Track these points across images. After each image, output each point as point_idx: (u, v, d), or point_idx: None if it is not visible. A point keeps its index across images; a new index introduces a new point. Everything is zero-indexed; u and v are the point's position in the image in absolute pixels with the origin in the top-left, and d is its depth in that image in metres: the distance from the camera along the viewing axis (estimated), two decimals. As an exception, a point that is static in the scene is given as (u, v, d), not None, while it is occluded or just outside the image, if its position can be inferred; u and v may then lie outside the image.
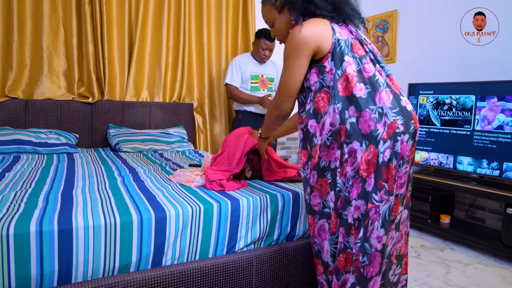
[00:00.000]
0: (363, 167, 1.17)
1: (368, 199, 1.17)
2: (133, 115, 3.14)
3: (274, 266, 1.51)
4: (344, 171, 1.20)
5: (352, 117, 1.19)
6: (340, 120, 1.20)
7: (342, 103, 1.20)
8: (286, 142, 4.10)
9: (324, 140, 1.24)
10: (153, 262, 1.30)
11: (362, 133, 1.17)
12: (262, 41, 2.99)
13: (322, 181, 1.27)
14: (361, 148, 1.17)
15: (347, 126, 1.19)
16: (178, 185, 1.68)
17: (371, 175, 1.17)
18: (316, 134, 1.27)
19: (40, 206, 1.29)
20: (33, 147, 2.46)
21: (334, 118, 1.21)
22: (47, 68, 2.83)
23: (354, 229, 1.19)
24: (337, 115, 1.20)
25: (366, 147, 1.17)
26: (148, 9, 3.15)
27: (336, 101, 1.21)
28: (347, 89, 1.21)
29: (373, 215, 1.18)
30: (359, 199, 1.18)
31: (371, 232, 1.18)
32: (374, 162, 1.16)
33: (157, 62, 3.25)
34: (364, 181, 1.17)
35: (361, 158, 1.17)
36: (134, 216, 1.27)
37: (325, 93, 1.24)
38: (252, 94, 3.07)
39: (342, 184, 1.21)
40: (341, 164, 1.21)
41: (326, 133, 1.23)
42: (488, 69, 2.78)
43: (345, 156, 1.19)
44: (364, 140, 1.17)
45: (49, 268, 1.13)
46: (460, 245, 2.63)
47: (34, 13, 2.77)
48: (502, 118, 2.44)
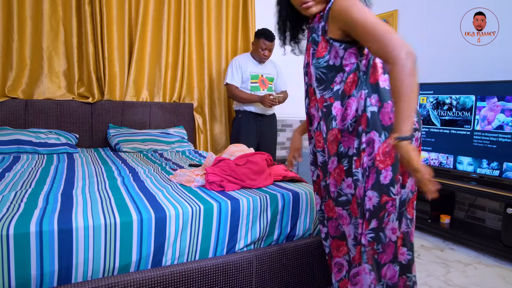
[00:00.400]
0: (379, 158, 1.14)
1: (384, 191, 1.15)
2: (133, 115, 3.14)
3: (274, 266, 1.52)
4: (361, 161, 1.16)
5: (374, 105, 1.16)
6: (363, 107, 1.16)
7: (368, 91, 1.17)
8: (286, 142, 4.10)
9: (347, 125, 1.20)
10: (153, 262, 1.30)
11: (382, 124, 1.14)
12: (262, 41, 2.99)
13: (339, 169, 1.23)
14: (379, 139, 1.14)
15: (368, 114, 1.15)
16: (178, 185, 1.68)
17: (388, 168, 1.14)
18: (336, 118, 1.21)
19: (40, 206, 1.29)
20: (33, 147, 2.46)
21: (360, 104, 1.17)
22: (47, 68, 2.83)
23: (365, 220, 1.17)
24: (363, 101, 1.16)
25: (385, 138, 1.14)
26: (148, 9, 3.15)
27: (364, 87, 1.17)
28: (374, 77, 1.18)
29: (390, 208, 1.16)
30: (372, 189, 1.15)
31: (387, 223, 1.17)
32: (393, 155, 1.14)
33: (157, 62, 3.25)
34: (379, 173, 1.14)
35: (379, 149, 1.14)
36: (134, 216, 1.27)
37: (355, 76, 1.19)
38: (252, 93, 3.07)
39: (360, 174, 1.17)
40: (358, 153, 1.17)
41: (351, 118, 1.19)
42: (488, 69, 2.77)
43: (363, 145, 1.16)
44: (384, 132, 1.14)
45: (49, 268, 1.13)
46: (460, 245, 2.63)
47: (34, 13, 2.77)
48: (502, 118, 2.44)
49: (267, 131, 3.21)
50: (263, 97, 2.96)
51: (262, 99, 2.97)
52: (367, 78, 1.18)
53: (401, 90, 1.02)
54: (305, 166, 4.07)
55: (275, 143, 3.34)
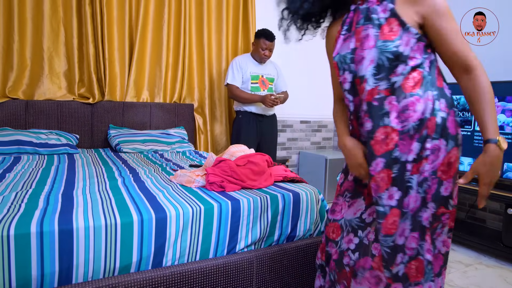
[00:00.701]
0: (442, 169, 1.06)
1: (442, 203, 1.09)
2: (134, 115, 3.15)
3: (274, 266, 1.51)
4: (421, 168, 1.06)
5: (443, 111, 1.06)
6: (431, 111, 1.05)
7: (437, 93, 1.08)
8: (287, 143, 4.10)
9: (409, 128, 1.05)
10: (153, 263, 1.30)
11: (449, 132, 1.07)
12: (262, 41, 3.00)
13: (385, 174, 1.07)
14: (446, 148, 1.06)
15: (437, 119, 1.05)
16: (179, 185, 1.68)
17: (450, 180, 1.08)
18: (390, 114, 1.06)
19: (41, 206, 1.29)
20: (34, 148, 2.46)
21: (427, 106, 1.05)
22: (47, 68, 2.83)
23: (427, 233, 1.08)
24: (431, 103, 1.05)
25: (451, 148, 1.07)
26: (149, 10, 3.15)
27: (432, 88, 1.07)
28: (439, 81, 1.11)
29: (445, 220, 1.11)
30: (432, 201, 1.07)
31: (439, 235, 1.12)
32: (456, 166, 1.08)
33: (157, 63, 3.25)
34: (441, 184, 1.07)
35: (444, 159, 1.06)
36: (135, 216, 1.27)
37: (418, 74, 1.07)
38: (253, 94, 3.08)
39: (417, 183, 1.06)
40: (419, 160, 1.06)
41: (415, 120, 1.04)
42: (488, 69, 2.76)
43: (426, 151, 1.05)
44: (450, 140, 1.07)
45: (50, 269, 1.13)
46: (461, 245, 2.62)
47: (34, 14, 2.77)
48: (502, 118, 2.43)
49: (267, 131, 3.21)
50: (265, 97, 2.97)
51: (263, 98, 2.97)
52: (433, 79, 1.09)
53: (486, 94, 1.03)
54: (305, 166, 4.07)
55: (275, 143, 3.34)
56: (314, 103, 4.21)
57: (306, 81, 4.10)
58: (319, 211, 1.73)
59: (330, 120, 4.38)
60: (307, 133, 4.25)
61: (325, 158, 3.75)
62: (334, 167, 3.78)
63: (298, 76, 4.01)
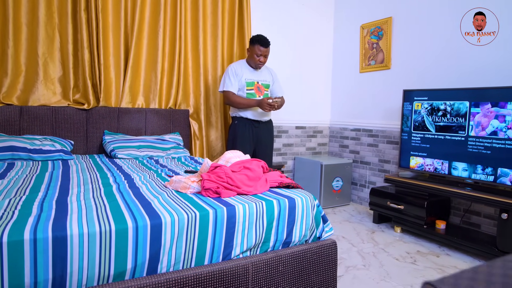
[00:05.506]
0: None
1: None
2: (129, 121, 3.14)
3: (270, 273, 1.51)
4: None
5: None
6: None
7: None
8: (282, 148, 4.11)
9: None
10: (148, 270, 1.29)
11: None
12: (257, 47, 3.01)
13: None
14: None
15: None
16: (174, 191, 1.68)
17: None
18: None
19: (35, 213, 1.28)
20: (28, 154, 2.45)
21: None
22: (42, 74, 2.82)
23: None
24: None
25: None
26: (144, 15, 3.16)
27: None
28: None
29: None
30: None
31: None
32: None
33: (153, 69, 3.25)
34: None
35: None
36: (129, 223, 1.26)
37: None
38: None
39: None
40: None
41: None
42: (488, 69, 2.79)
43: None
44: None
45: (43, 276, 1.12)
46: (456, 250, 2.63)
47: (29, 19, 2.77)
48: (496, 124, 2.46)
49: (263, 137, 3.21)
50: (261, 101, 2.95)
51: (260, 103, 2.97)
52: None
53: None
54: (301, 171, 4.07)
55: (271, 149, 3.34)
56: (310, 109, 4.23)
57: (302, 87, 4.12)
58: (314, 217, 1.73)
59: (326, 125, 4.40)
60: (302, 138, 4.26)
61: (321, 164, 3.75)
62: (329, 172, 3.79)
63: (293, 82, 4.03)
